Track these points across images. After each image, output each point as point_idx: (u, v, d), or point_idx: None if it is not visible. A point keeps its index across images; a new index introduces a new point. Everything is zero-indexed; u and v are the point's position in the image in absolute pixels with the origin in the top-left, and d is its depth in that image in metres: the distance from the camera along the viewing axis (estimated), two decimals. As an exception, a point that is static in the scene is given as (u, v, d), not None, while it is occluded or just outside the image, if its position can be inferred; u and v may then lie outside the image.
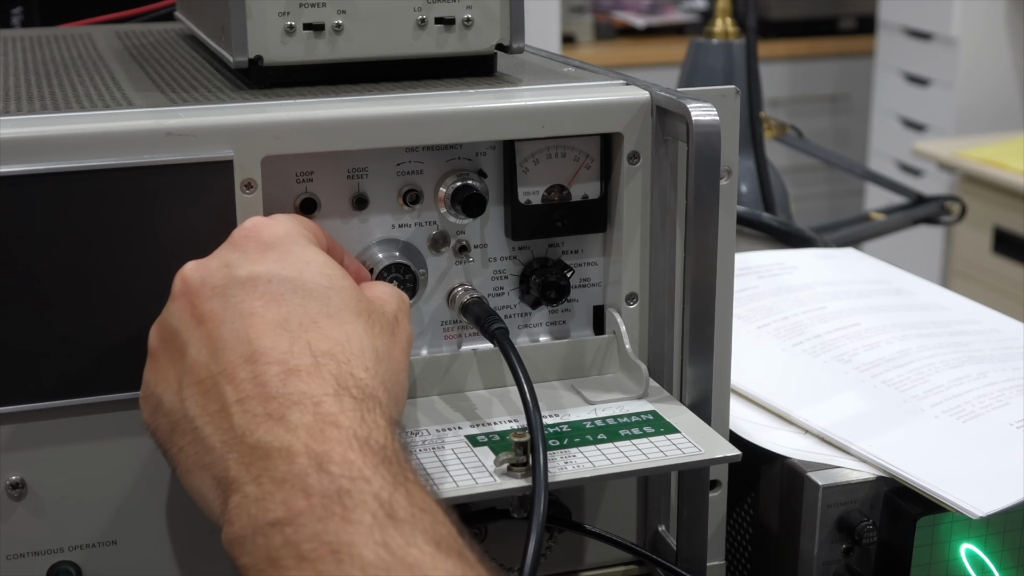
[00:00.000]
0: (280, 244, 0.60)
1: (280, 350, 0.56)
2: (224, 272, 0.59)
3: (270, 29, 0.68)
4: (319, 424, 0.53)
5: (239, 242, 0.60)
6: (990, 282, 2.83)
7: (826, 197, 3.73)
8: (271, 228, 0.61)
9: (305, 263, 0.60)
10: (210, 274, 0.59)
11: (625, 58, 3.53)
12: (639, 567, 0.76)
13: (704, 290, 0.68)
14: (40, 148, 0.61)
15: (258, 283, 0.58)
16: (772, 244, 1.22)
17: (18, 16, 1.33)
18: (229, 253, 0.60)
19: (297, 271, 0.59)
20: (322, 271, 0.60)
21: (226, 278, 0.59)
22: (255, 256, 0.59)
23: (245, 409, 0.54)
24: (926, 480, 0.72)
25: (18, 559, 0.65)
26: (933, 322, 0.94)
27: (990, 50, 3.18)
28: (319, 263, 0.60)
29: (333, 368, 0.56)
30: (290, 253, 0.60)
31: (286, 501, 0.51)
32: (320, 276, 0.59)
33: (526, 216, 0.70)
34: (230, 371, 0.56)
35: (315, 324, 0.57)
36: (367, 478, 0.52)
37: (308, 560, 0.49)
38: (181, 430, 0.56)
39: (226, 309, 0.57)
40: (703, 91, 0.68)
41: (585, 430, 0.67)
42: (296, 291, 0.58)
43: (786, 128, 1.59)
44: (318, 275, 0.59)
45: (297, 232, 0.61)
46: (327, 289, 0.59)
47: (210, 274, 0.59)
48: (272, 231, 0.61)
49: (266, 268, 0.59)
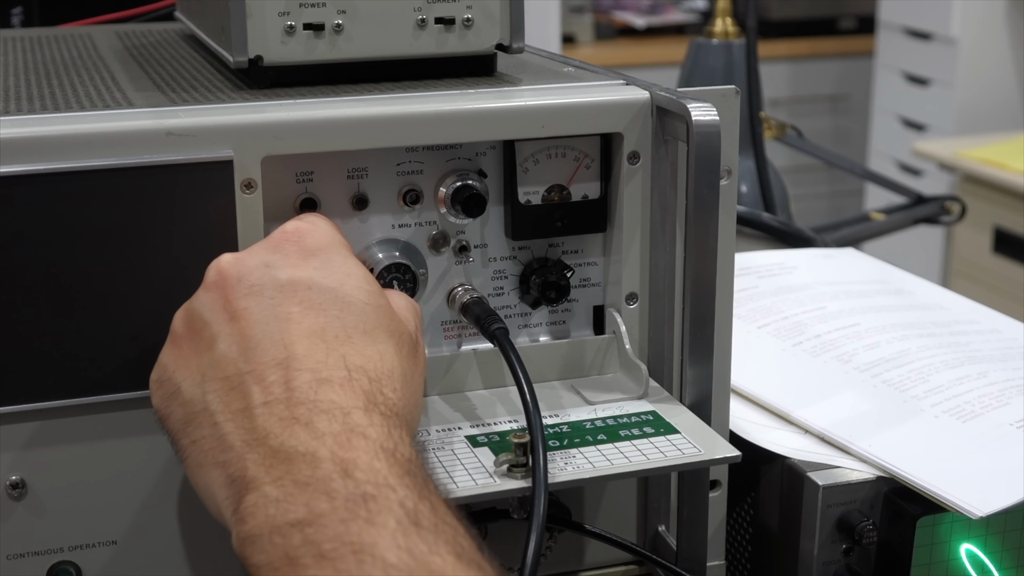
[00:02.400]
0: (323, 252, 0.60)
1: (314, 359, 0.56)
2: (263, 272, 0.59)
3: (270, 29, 0.68)
4: (346, 433, 0.53)
5: (280, 244, 0.60)
6: (990, 282, 2.83)
7: (826, 197, 3.73)
8: (314, 235, 0.61)
9: (346, 275, 0.60)
10: (249, 271, 0.59)
11: (625, 58, 3.53)
12: (639, 567, 0.76)
13: (704, 290, 0.68)
14: (40, 148, 0.61)
15: (298, 289, 0.58)
16: (772, 244, 1.22)
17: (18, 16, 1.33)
18: (269, 254, 0.60)
19: (338, 282, 0.59)
20: (361, 286, 0.60)
21: (264, 278, 0.58)
22: (296, 261, 0.59)
23: (271, 412, 0.54)
24: (926, 480, 0.72)
25: (18, 559, 0.65)
26: (933, 322, 0.94)
27: (990, 50, 3.18)
28: (359, 277, 0.60)
29: (365, 384, 0.56)
30: (332, 263, 0.60)
31: (308, 503, 0.51)
32: (359, 291, 0.59)
33: (526, 216, 0.70)
34: (260, 372, 0.55)
35: (350, 339, 0.57)
36: (392, 486, 0.51)
37: (328, 559, 0.49)
38: (198, 423, 0.56)
39: (262, 309, 0.57)
40: (703, 91, 0.68)
41: (585, 430, 0.67)
42: (335, 303, 0.58)
43: (786, 128, 1.59)
44: (357, 289, 0.59)
45: (339, 242, 0.62)
46: (365, 305, 0.59)
47: (249, 271, 0.59)
48: (315, 238, 0.61)
49: (307, 275, 0.59)
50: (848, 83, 3.79)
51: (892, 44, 3.41)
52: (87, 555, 0.66)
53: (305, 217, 0.64)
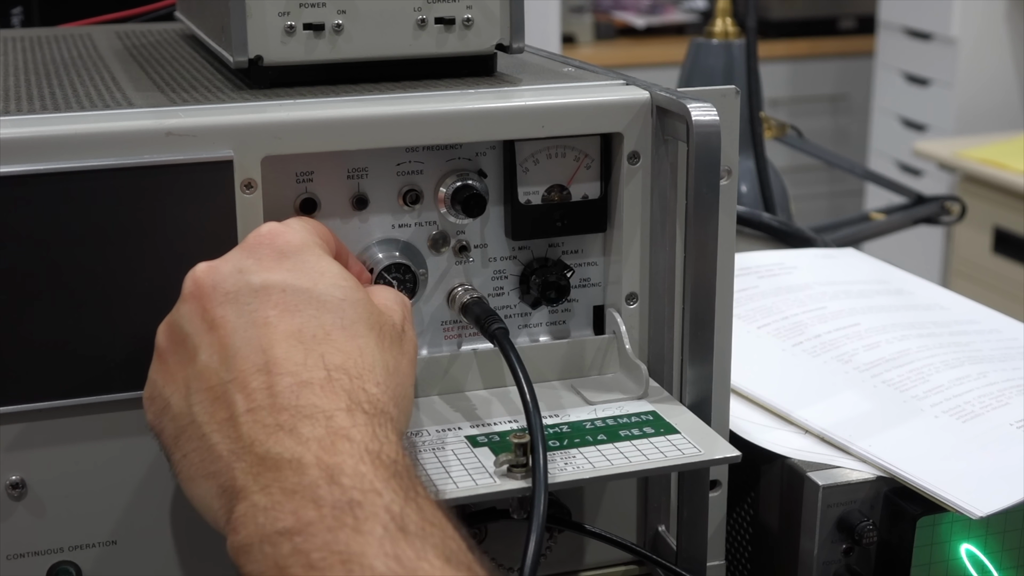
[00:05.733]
0: (295, 253, 0.60)
1: (294, 362, 0.56)
2: (237, 278, 0.58)
3: (270, 29, 0.68)
4: (331, 437, 0.53)
5: (254, 248, 0.60)
6: (990, 282, 2.83)
7: (826, 197, 3.73)
8: (286, 236, 0.60)
9: (320, 274, 0.59)
10: (223, 279, 0.59)
11: (625, 58, 3.53)
12: (639, 567, 0.76)
13: (704, 290, 0.68)
14: (40, 148, 0.61)
15: (272, 292, 0.58)
16: (772, 244, 1.22)
17: (18, 16, 1.33)
18: (243, 259, 0.60)
19: (312, 282, 0.59)
20: (336, 283, 0.59)
21: (239, 284, 0.58)
22: (269, 264, 0.59)
23: (255, 419, 0.54)
24: (926, 480, 0.72)
25: (18, 559, 0.65)
26: (933, 322, 0.94)
27: (990, 50, 3.18)
28: (333, 274, 0.60)
29: (346, 383, 0.56)
30: (305, 263, 0.60)
31: (296, 511, 0.51)
32: (334, 288, 0.59)
33: (526, 216, 0.70)
34: (242, 380, 0.55)
35: (329, 337, 0.57)
36: (378, 491, 0.51)
37: (317, 569, 0.49)
38: (188, 436, 0.56)
39: (239, 316, 0.57)
40: (703, 91, 0.68)
41: (585, 431, 0.67)
42: (310, 302, 0.58)
43: (786, 128, 1.59)
44: (332, 287, 0.59)
45: (312, 241, 0.61)
46: (341, 301, 0.59)
47: (223, 279, 0.59)
48: (287, 239, 0.60)
49: (281, 277, 0.58)
50: (848, 83, 3.79)
51: (892, 44, 3.41)
52: (87, 555, 0.66)
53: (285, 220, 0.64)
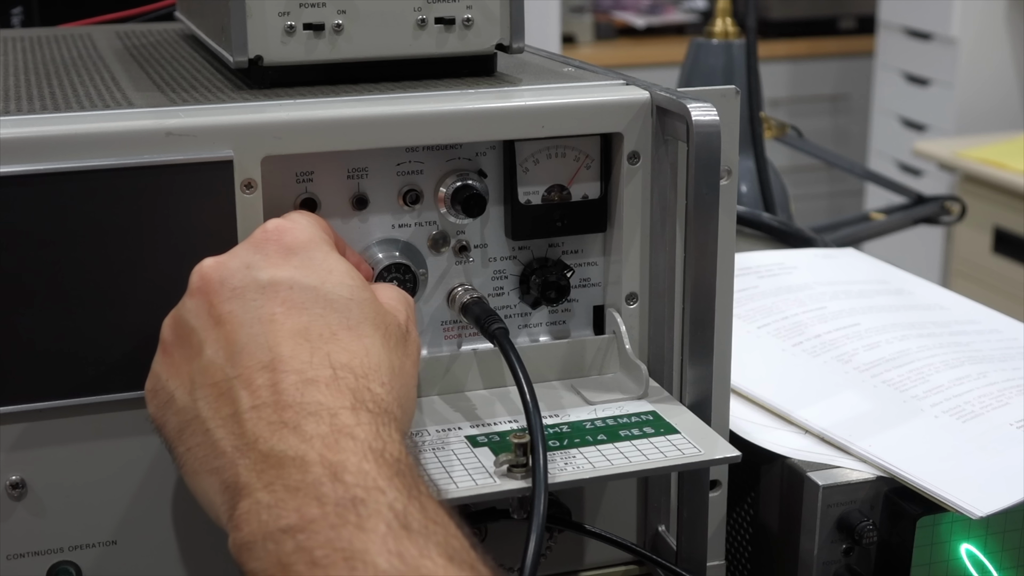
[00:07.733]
0: (303, 250, 0.60)
1: (300, 359, 0.56)
2: (244, 274, 0.58)
3: (270, 29, 0.68)
4: (335, 435, 0.53)
5: (261, 244, 0.60)
6: (990, 282, 2.83)
7: (826, 197, 3.73)
8: (294, 233, 0.60)
9: (327, 272, 0.59)
10: (230, 274, 0.59)
11: (625, 58, 3.53)
12: (639, 567, 0.76)
13: (704, 290, 0.68)
14: (40, 148, 0.61)
15: (279, 289, 0.58)
16: (772, 244, 1.22)
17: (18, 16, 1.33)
18: (250, 254, 0.59)
19: (319, 280, 0.59)
20: (343, 281, 0.59)
21: (246, 280, 0.58)
22: (277, 260, 0.59)
23: (259, 416, 0.54)
24: (926, 480, 0.72)
25: (18, 559, 0.65)
26: (933, 322, 0.94)
27: (990, 50, 3.18)
28: (341, 272, 0.60)
29: (351, 382, 0.56)
30: (312, 260, 0.60)
31: (299, 508, 0.51)
32: (341, 287, 0.59)
33: (526, 216, 0.70)
34: (247, 376, 0.55)
35: (335, 336, 0.57)
36: (382, 489, 0.51)
37: (320, 566, 0.49)
38: (191, 430, 0.56)
39: (245, 312, 0.57)
40: (703, 91, 0.68)
41: (585, 431, 0.67)
42: (317, 300, 0.58)
43: (786, 128, 1.59)
44: (339, 285, 0.59)
45: (320, 238, 0.61)
46: (348, 300, 0.59)
47: (230, 274, 0.59)
48: (295, 236, 0.60)
49: (288, 274, 0.58)
50: (848, 83, 3.79)
51: (892, 44, 3.41)
52: (87, 555, 0.66)
53: (287, 214, 0.64)
